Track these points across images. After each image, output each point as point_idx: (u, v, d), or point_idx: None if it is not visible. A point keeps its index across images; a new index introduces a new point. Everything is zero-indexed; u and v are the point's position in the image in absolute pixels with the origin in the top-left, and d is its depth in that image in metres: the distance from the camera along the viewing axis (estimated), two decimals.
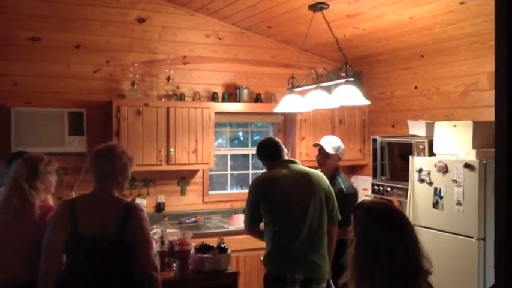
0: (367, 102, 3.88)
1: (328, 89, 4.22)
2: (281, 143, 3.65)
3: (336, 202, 3.49)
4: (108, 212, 2.61)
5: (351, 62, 3.80)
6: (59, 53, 4.76)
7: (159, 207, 5.12)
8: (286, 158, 3.60)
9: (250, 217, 3.50)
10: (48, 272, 2.54)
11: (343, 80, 3.75)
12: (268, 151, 3.61)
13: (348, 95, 3.71)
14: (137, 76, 4.93)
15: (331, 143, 4.14)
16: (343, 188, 3.99)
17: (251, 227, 3.53)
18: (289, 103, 4.21)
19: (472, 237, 3.62)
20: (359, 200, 3.88)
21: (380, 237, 1.85)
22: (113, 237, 2.55)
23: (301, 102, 4.16)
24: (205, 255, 3.43)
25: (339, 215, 3.48)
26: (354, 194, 4.09)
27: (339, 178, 4.06)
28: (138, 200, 4.97)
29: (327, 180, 3.54)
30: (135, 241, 2.58)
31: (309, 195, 3.38)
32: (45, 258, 2.56)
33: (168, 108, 4.84)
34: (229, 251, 3.54)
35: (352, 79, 3.75)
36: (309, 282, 3.29)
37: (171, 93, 5.05)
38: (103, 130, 4.77)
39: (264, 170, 3.68)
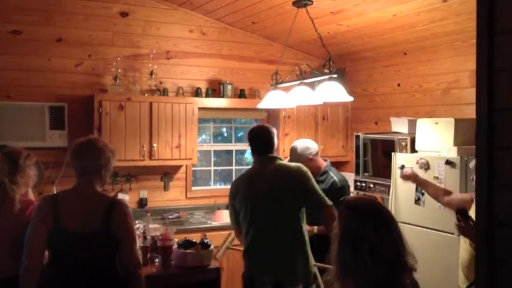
0: (351, 99, 3.89)
1: (312, 86, 4.22)
2: (272, 135, 3.38)
3: (319, 190, 3.28)
4: (92, 208, 2.58)
5: (334, 58, 3.80)
6: (40, 46, 4.70)
7: (142, 202, 5.09)
8: (273, 154, 3.39)
9: (231, 218, 3.48)
10: (29, 269, 2.51)
11: (327, 77, 3.76)
12: (254, 144, 3.41)
13: (332, 92, 3.72)
14: (120, 70, 4.88)
15: (292, 154, 4.06)
16: (337, 180, 3.96)
17: (235, 228, 3.48)
18: (273, 99, 4.21)
19: (453, 234, 3.66)
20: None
21: (363, 233, 1.85)
22: (96, 233, 2.52)
23: (285, 98, 4.16)
24: (188, 251, 3.42)
25: (327, 199, 3.24)
26: (347, 186, 4.08)
27: (330, 172, 4.04)
28: (121, 195, 4.93)
29: (308, 174, 3.29)
30: (119, 237, 2.56)
31: (283, 195, 3.21)
32: (27, 254, 2.52)
33: (151, 103, 4.80)
34: (211, 246, 3.53)
35: (335, 75, 3.76)
36: (280, 284, 3.14)
37: (154, 88, 5.02)
38: (84, 125, 4.72)
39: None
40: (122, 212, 2.59)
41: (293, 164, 3.43)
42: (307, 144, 4.12)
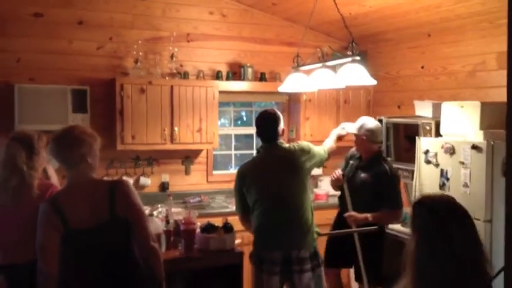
0: (374, 82, 3.81)
1: (334, 68, 4.16)
2: (277, 120, 3.44)
3: (315, 152, 3.50)
4: (94, 199, 2.50)
5: (355, 40, 3.73)
6: (61, 29, 4.71)
7: (163, 186, 5.12)
8: (278, 141, 3.45)
9: (237, 205, 3.54)
10: (50, 276, 2.43)
11: (350, 59, 3.68)
12: (259, 130, 3.51)
13: (354, 74, 3.65)
14: (140, 53, 4.88)
15: (357, 122, 4.05)
16: (388, 170, 3.87)
17: (241, 215, 3.53)
18: (294, 82, 4.16)
19: (478, 219, 3.60)
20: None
21: (445, 237, 1.79)
22: (107, 224, 2.47)
23: (306, 81, 4.10)
24: (211, 235, 3.43)
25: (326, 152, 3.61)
26: (398, 176, 4.02)
27: (382, 162, 3.93)
28: (143, 179, 4.96)
29: (302, 144, 3.50)
30: (129, 218, 2.51)
31: (289, 170, 3.36)
32: (43, 261, 2.44)
33: (172, 87, 4.80)
34: (234, 230, 3.54)
35: (358, 58, 3.68)
36: (289, 260, 3.29)
37: (174, 71, 5.01)
38: (106, 108, 4.75)
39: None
40: (124, 193, 2.53)
41: (294, 145, 3.54)
42: (375, 129, 3.99)
